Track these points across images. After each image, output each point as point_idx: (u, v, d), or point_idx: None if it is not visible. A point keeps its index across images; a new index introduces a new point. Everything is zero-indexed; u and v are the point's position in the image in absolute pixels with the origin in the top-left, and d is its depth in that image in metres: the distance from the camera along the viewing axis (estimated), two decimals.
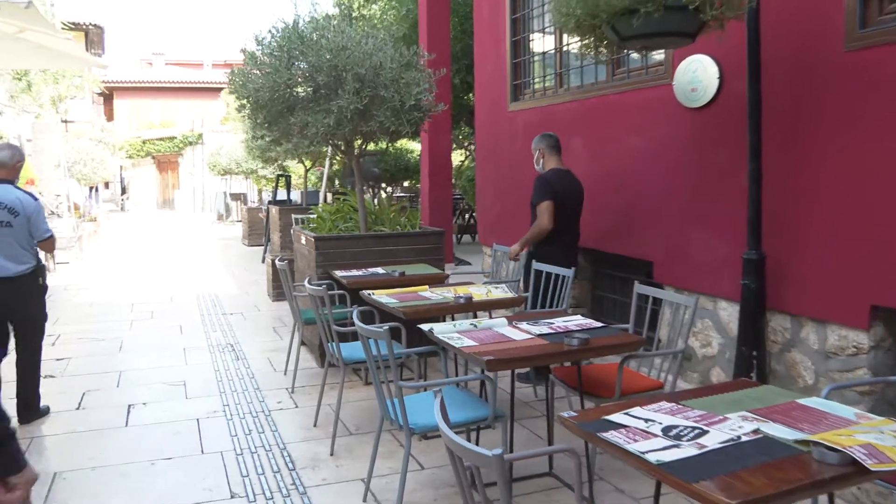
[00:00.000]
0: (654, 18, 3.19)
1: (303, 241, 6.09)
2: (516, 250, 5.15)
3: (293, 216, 9.78)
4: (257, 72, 5.51)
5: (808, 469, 1.75)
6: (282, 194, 13.40)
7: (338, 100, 5.27)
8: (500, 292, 4.31)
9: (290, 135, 5.77)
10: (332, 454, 3.97)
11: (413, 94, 5.47)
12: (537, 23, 6.57)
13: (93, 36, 23.63)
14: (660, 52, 4.83)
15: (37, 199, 4.55)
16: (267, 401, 4.91)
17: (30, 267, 4.40)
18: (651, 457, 1.81)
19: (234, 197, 23.00)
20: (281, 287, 6.74)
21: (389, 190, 17.35)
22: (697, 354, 4.60)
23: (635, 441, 1.92)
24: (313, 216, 6.86)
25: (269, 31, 5.50)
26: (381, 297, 4.14)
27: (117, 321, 7.70)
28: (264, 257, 11.23)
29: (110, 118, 32.01)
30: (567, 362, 3.63)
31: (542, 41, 6.49)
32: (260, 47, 5.54)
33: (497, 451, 1.66)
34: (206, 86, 34.23)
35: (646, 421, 2.07)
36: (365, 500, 3.42)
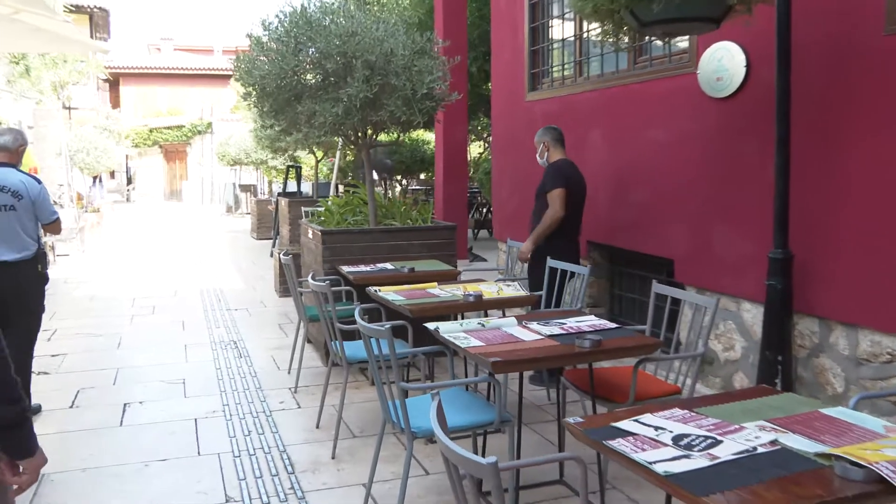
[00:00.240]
0: (675, 3, 3.04)
1: (309, 235, 5.94)
2: (529, 248, 4.81)
3: (303, 209, 9.64)
4: (263, 58, 5.35)
5: (828, 485, 1.62)
6: (292, 186, 13.25)
7: (347, 88, 5.10)
8: (511, 290, 4.13)
9: (297, 124, 5.61)
10: (333, 457, 3.81)
11: (426, 82, 5.29)
12: (557, 7, 6.36)
13: (98, 19, 22.97)
14: (683, 39, 4.62)
15: (41, 183, 4.43)
16: (268, 400, 4.76)
17: (30, 253, 4.26)
18: (659, 467, 1.71)
19: (244, 188, 22.80)
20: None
21: (405, 182, 17.16)
22: (720, 358, 4.40)
23: (643, 450, 1.82)
24: (321, 209, 6.70)
25: (277, 16, 5.34)
26: (388, 293, 3.98)
27: (117, 316, 7.52)
28: (272, 251, 11.10)
29: (116, 105, 31.22)
30: (579, 364, 3.46)
31: (562, 27, 6.29)
32: (266, 32, 5.38)
33: (491, 459, 1.56)
34: (216, 73, 33.60)
35: (656, 429, 1.96)
36: None
